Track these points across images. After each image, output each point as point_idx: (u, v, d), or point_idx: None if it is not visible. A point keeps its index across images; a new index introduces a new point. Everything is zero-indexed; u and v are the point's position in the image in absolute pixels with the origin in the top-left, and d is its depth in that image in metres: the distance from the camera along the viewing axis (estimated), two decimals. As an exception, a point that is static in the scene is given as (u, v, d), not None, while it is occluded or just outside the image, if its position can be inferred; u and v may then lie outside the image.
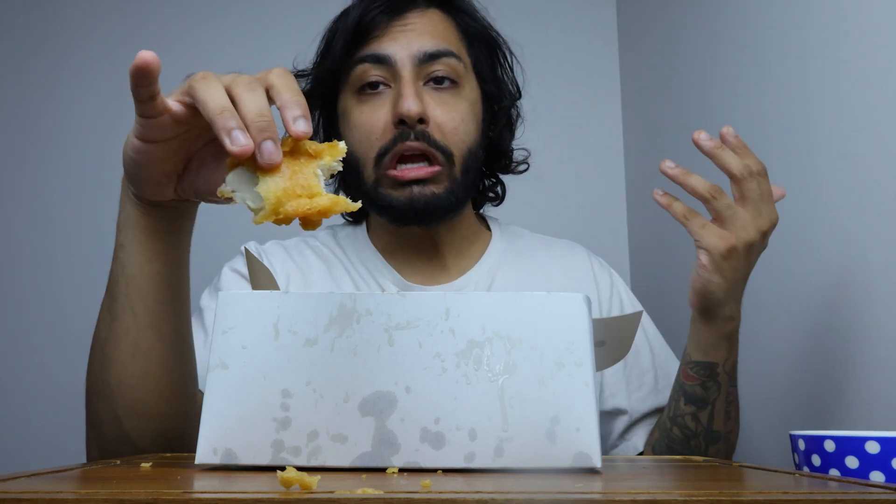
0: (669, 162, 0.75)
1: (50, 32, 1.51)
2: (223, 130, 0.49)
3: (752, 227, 0.72)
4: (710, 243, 0.72)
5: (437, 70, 0.86)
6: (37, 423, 1.38)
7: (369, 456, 0.45)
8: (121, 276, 0.63)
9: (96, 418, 0.66)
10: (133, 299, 0.63)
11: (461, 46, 0.90)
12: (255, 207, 0.48)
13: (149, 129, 0.55)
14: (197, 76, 0.53)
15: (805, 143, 0.88)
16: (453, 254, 0.94)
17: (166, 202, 0.62)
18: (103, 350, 0.64)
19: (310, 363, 0.47)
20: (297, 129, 0.49)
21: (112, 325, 0.64)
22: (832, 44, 0.83)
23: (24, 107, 1.49)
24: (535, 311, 0.47)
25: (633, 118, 1.50)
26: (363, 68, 0.86)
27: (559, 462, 0.45)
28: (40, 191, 1.46)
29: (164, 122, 0.55)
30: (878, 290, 0.75)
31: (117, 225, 0.64)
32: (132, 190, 0.61)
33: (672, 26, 1.30)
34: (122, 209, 0.63)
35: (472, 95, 0.89)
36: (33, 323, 1.42)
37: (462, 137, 0.86)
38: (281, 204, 0.47)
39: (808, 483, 0.40)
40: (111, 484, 0.39)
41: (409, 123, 0.82)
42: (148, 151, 0.57)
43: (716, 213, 0.73)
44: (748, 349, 1.00)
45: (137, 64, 0.51)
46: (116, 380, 0.64)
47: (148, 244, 0.62)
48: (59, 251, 1.44)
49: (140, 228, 0.62)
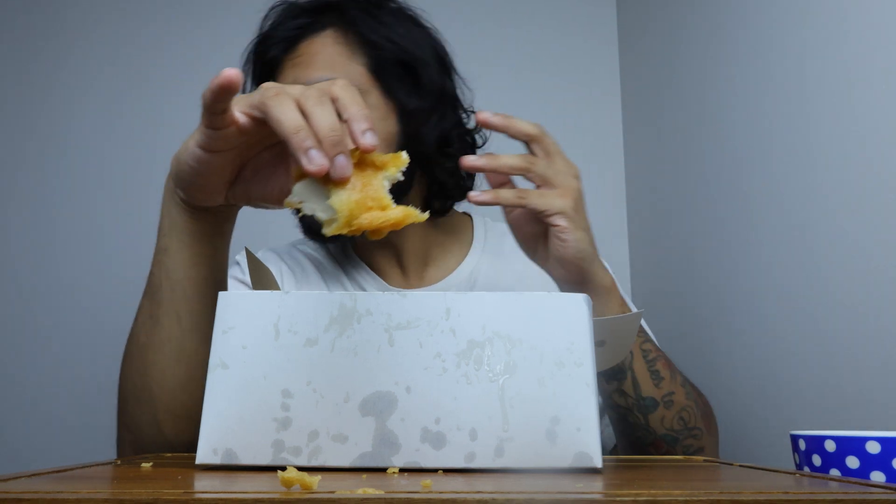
0: (486, 112, 0.71)
1: (50, 32, 1.51)
2: (300, 150, 0.50)
3: (570, 176, 0.71)
4: (557, 204, 0.69)
5: None
6: (37, 423, 1.38)
7: (370, 456, 0.45)
8: (165, 280, 0.63)
9: (134, 422, 0.66)
10: (178, 304, 0.63)
11: (356, 65, 0.86)
12: (326, 219, 0.50)
13: (214, 139, 0.56)
14: (269, 92, 0.53)
15: (805, 142, 0.88)
16: (423, 262, 0.95)
17: (214, 207, 0.62)
18: (143, 355, 0.64)
19: (310, 363, 0.47)
20: (366, 141, 0.50)
21: (154, 330, 0.64)
22: (832, 44, 0.83)
23: (24, 107, 1.49)
24: (536, 311, 0.47)
25: (633, 118, 1.50)
26: None
27: (560, 462, 0.45)
28: (41, 191, 1.46)
29: (230, 133, 0.56)
30: (879, 290, 0.75)
31: (160, 229, 0.64)
32: (181, 196, 0.62)
33: (672, 26, 1.30)
34: (165, 214, 0.64)
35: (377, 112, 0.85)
36: (33, 323, 1.42)
37: None
38: (354, 217, 0.48)
39: (808, 483, 0.40)
40: (111, 484, 0.39)
41: None
42: (209, 161, 0.58)
43: (541, 177, 0.70)
44: (748, 349, 1.00)
45: (222, 82, 0.52)
46: (159, 384, 0.64)
47: (195, 248, 0.63)
48: (60, 251, 1.44)
49: (188, 233, 0.63)
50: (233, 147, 0.58)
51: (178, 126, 1.47)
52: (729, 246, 1.06)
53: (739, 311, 1.03)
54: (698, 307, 1.10)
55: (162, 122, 1.46)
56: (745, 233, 1.02)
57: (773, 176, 0.95)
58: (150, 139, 1.46)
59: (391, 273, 0.95)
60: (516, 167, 0.70)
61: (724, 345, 1.06)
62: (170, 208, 0.63)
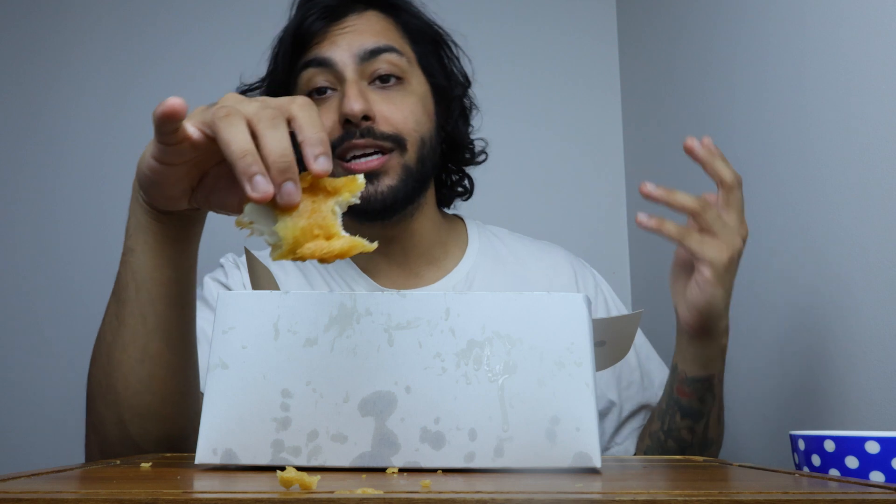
0: (649, 185, 0.74)
1: (51, 32, 1.51)
2: (245, 175, 0.48)
3: (738, 235, 0.73)
4: (712, 256, 0.71)
5: (380, 68, 0.86)
6: (37, 423, 1.38)
7: (369, 456, 0.45)
8: (131, 281, 0.63)
9: (99, 421, 0.66)
10: (143, 304, 0.63)
11: (403, 43, 0.90)
12: (272, 243, 0.48)
13: (167, 154, 0.56)
14: (221, 112, 0.52)
15: (804, 141, 0.88)
16: (424, 259, 0.94)
17: (178, 211, 0.62)
18: (109, 355, 0.64)
19: (310, 363, 0.47)
20: (319, 167, 0.49)
21: (119, 330, 0.63)
22: (831, 45, 0.83)
23: (25, 107, 1.48)
24: (535, 311, 0.47)
25: (633, 118, 1.50)
26: (308, 74, 0.87)
27: (559, 462, 0.45)
28: (42, 191, 1.46)
29: (183, 148, 0.55)
30: (879, 290, 0.75)
31: (127, 230, 0.64)
32: (144, 198, 0.61)
33: (672, 26, 1.30)
34: (132, 215, 0.63)
35: (420, 90, 0.90)
36: (34, 323, 1.42)
37: (414, 127, 0.86)
38: (299, 245, 0.47)
39: (808, 483, 0.40)
40: (111, 484, 0.39)
41: (355, 122, 0.83)
42: (164, 172, 0.57)
43: (706, 225, 0.72)
44: (748, 349, 1.00)
45: (166, 110, 0.52)
46: (123, 384, 0.63)
47: (159, 250, 0.62)
48: (61, 252, 1.44)
49: (152, 234, 0.62)
50: (187, 160, 0.57)
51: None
52: (729, 246, 1.06)
53: (739, 311, 1.03)
54: (698, 307, 1.10)
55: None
56: (744, 233, 1.02)
57: (772, 175, 0.95)
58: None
59: (385, 272, 0.93)
60: (688, 207, 0.73)
61: (723, 345, 1.06)
62: (135, 209, 0.63)
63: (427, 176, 0.90)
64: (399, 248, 0.92)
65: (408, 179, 0.86)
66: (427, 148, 0.88)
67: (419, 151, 0.87)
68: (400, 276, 0.93)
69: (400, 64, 0.87)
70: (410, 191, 0.86)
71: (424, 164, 0.88)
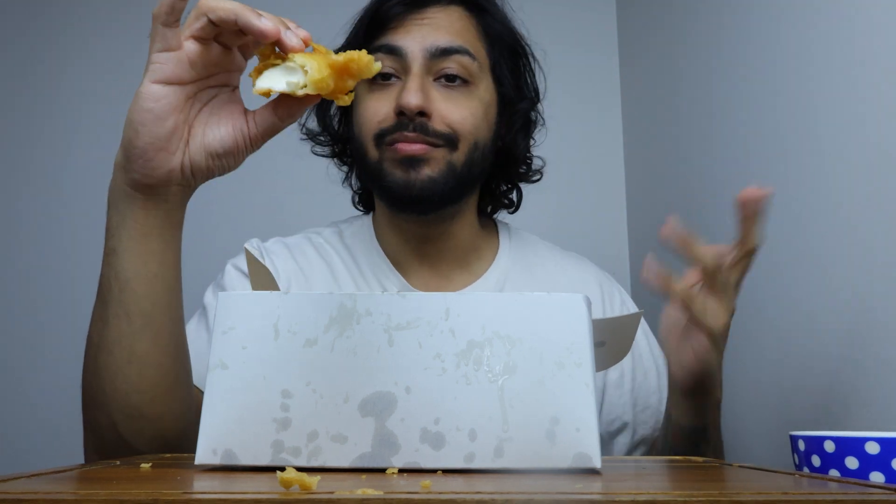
0: (669, 226, 0.70)
1: (52, 32, 1.51)
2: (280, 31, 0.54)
3: (734, 296, 0.71)
4: (712, 323, 0.69)
5: (448, 67, 0.84)
6: (37, 423, 1.38)
7: (369, 456, 0.45)
8: (114, 281, 0.62)
9: (93, 424, 0.66)
10: (127, 304, 0.62)
11: (479, 46, 0.88)
12: (295, 82, 0.54)
13: (168, 64, 0.57)
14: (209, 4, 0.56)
15: (805, 143, 0.88)
16: (458, 264, 0.92)
17: (163, 186, 0.60)
18: (96, 357, 0.63)
19: (310, 363, 0.47)
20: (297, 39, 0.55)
21: (105, 332, 0.62)
22: (834, 51, 0.83)
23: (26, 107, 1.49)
24: (535, 312, 0.47)
25: (633, 119, 1.50)
26: (377, 58, 0.83)
27: (559, 462, 0.45)
28: (43, 191, 1.46)
29: (182, 57, 0.57)
30: (878, 290, 0.75)
31: (107, 230, 0.62)
32: (134, 173, 0.59)
33: (672, 28, 1.30)
34: (114, 212, 0.62)
35: (487, 97, 0.88)
36: (34, 323, 1.42)
37: (470, 130, 0.84)
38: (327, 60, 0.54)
39: (807, 483, 0.40)
40: (111, 484, 0.39)
41: (409, 115, 0.82)
42: (164, 96, 0.57)
43: (715, 285, 0.69)
44: (748, 349, 1.00)
45: None
46: (111, 387, 0.63)
47: (143, 245, 0.61)
48: (61, 252, 1.44)
49: (135, 228, 0.61)
50: (186, 80, 0.58)
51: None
52: (729, 246, 1.06)
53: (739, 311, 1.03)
54: (698, 307, 1.10)
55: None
56: (744, 233, 1.02)
57: (771, 175, 0.95)
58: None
59: (416, 271, 0.91)
60: (707, 265, 0.69)
61: (723, 345, 1.06)
62: (118, 204, 0.62)
63: (472, 181, 0.88)
64: (434, 249, 0.91)
65: (450, 177, 0.84)
66: (478, 153, 0.86)
67: (469, 154, 0.85)
68: (431, 278, 0.91)
69: (470, 68, 0.86)
70: (450, 190, 0.84)
71: (472, 169, 0.86)
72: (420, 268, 0.91)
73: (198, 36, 0.57)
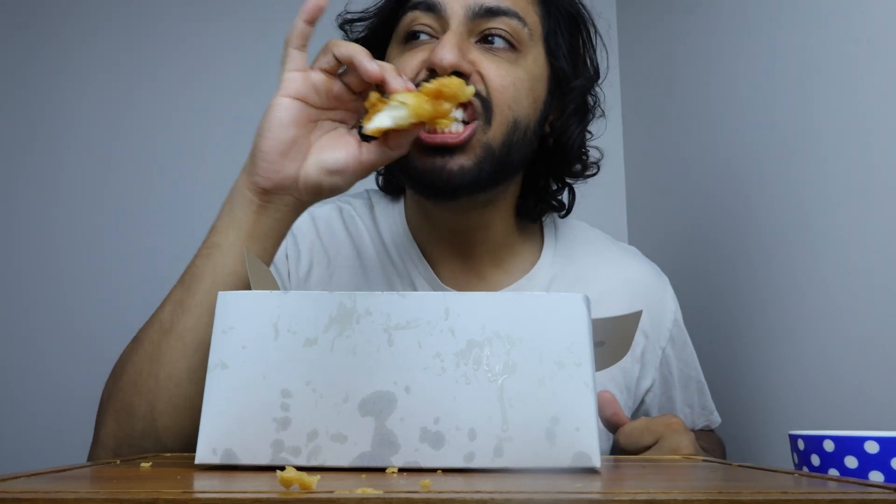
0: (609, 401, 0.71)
1: (52, 32, 1.51)
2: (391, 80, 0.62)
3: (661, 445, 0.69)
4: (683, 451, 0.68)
5: (493, 28, 0.74)
6: (37, 423, 1.38)
7: (369, 456, 0.45)
8: (209, 273, 0.64)
9: (126, 411, 0.65)
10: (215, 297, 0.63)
11: (532, 11, 0.78)
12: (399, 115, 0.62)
13: (296, 82, 0.64)
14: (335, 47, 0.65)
15: (804, 143, 0.88)
16: (492, 261, 0.84)
17: (279, 192, 0.65)
18: (162, 341, 0.64)
19: (310, 363, 0.47)
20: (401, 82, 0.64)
21: (182, 318, 0.64)
22: (833, 50, 0.83)
23: (27, 107, 1.49)
24: (535, 311, 0.47)
25: (633, 119, 1.50)
26: (412, 16, 0.76)
27: (559, 462, 0.45)
28: (43, 193, 1.46)
29: (308, 78, 0.65)
30: (879, 290, 0.75)
31: (215, 227, 0.66)
32: (257, 176, 0.64)
33: (672, 28, 1.30)
34: (227, 211, 0.66)
35: (535, 69, 0.77)
36: (34, 323, 1.42)
37: (510, 102, 0.74)
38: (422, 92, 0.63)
39: (807, 483, 0.40)
40: (111, 484, 0.39)
41: (441, 74, 0.70)
42: (291, 108, 0.64)
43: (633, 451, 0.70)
44: (748, 349, 1.00)
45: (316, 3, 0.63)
46: (167, 372, 0.64)
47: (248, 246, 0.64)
48: (62, 253, 1.44)
49: (243, 230, 0.65)
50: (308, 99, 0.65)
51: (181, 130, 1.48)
52: (728, 246, 1.06)
53: (739, 311, 1.03)
54: (698, 307, 1.10)
55: (164, 126, 1.46)
56: (744, 233, 1.02)
57: (772, 176, 0.95)
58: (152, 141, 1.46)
59: (448, 265, 0.84)
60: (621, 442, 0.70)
61: (723, 344, 1.06)
62: (233, 204, 0.66)
63: (510, 168, 0.77)
64: (464, 241, 0.83)
65: (484, 162, 0.73)
66: (519, 134, 0.75)
67: (508, 134, 0.74)
68: (462, 274, 0.84)
69: (519, 33, 0.75)
70: (486, 176, 0.74)
71: (510, 153, 0.75)
72: (452, 261, 0.84)
73: (323, 68, 0.65)
